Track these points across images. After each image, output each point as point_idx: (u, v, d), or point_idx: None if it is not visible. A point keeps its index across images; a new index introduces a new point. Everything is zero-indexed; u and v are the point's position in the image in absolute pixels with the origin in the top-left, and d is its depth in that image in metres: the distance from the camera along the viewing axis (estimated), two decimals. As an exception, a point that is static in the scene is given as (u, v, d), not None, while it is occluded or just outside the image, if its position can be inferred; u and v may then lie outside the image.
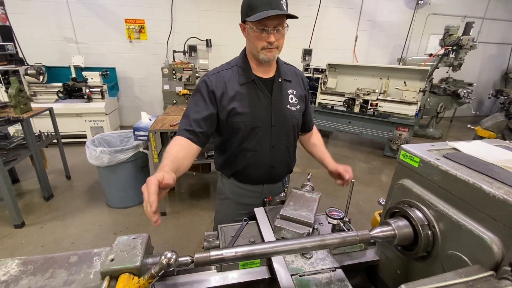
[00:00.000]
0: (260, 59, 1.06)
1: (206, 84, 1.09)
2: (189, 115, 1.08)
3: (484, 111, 7.48)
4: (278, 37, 1.00)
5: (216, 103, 1.09)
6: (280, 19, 0.97)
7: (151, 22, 5.12)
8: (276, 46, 1.03)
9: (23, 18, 4.65)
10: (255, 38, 1.01)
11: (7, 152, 2.63)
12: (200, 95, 1.09)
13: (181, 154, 0.96)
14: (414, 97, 4.04)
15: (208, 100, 1.08)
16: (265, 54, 1.03)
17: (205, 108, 1.08)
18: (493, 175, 0.61)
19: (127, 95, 5.55)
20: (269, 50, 1.03)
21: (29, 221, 2.59)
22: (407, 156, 0.76)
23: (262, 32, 0.98)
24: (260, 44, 1.01)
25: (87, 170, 3.50)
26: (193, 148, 1.04)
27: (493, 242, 0.54)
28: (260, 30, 0.97)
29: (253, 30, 0.99)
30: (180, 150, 0.98)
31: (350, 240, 0.68)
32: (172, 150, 0.96)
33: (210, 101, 1.08)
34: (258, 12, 0.93)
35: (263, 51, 1.03)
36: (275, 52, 1.04)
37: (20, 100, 2.62)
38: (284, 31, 1.02)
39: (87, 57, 4.91)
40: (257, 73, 1.13)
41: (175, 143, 1.01)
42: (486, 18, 6.54)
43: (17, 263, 0.61)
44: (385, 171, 4.00)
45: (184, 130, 1.05)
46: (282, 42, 1.05)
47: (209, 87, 1.08)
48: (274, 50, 1.03)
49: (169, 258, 0.53)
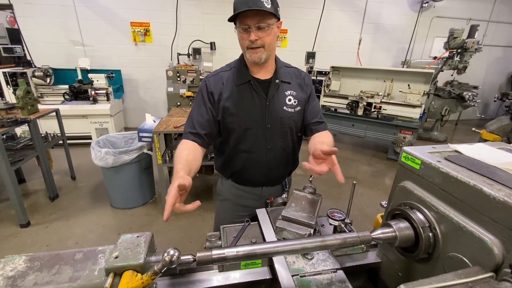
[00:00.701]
0: (248, 58, 1.07)
1: (206, 85, 1.13)
2: (193, 117, 1.12)
3: (489, 114, 7.41)
4: (261, 35, 0.99)
5: (215, 104, 1.12)
6: (260, 16, 0.96)
7: (156, 25, 5.18)
8: (262, 45, 1.01)
9: (31, 21, 4.74)
10: (240, 39, 1.03)
11: (14, 152, 2.68)
12: (201, 97, 1.13)
13: (191, 157, 1.00)
14: (418, 100, 4.02)
15: (208, 102, 1.11)
16: (250, 55, 1.04)
17: (206, 110, 1.11)
18: (494, 177, 0.61)
19: (132, 97, 5.61)
20: (254, 51, 1.02)
21: (35, 221, 2.63)
22: (409, 158, 0.77)
23: (244, 32, 1.00)
24: (244, 43, 1.03)
25: (92, 171, 3.54)
26: (199, 150, 1.08)
27: (494, 244, 0.54)
28: (243, 29, 0.99)
29: (239, 31, 1.01)
30: (189, 154, 1.01)
31: (351, 241, 0.68)
32: (182, 154, 1.00)
33: (210, 102, 1.12)
34: (236, 11, 0.96)
35: (248, 51, 1.04)
36: (261, 52, 1.03)
37: (28, 102, 2.66)
38: (268, 29, 0.99)
39: (93, 59, 4.99)
40: (255, 74, 1.14)
41: (183, 147, 1.04)
42: (492, 21, 6.50)
43: (24, 260, 0.63)
44: (388, 174, 3.97)
45: (189, 133, 1.09)
46: (268, 40, 1.01)
47: (208, 88, 1.12)
48: (259, 50, 1.02)
49: (171, 255, 0.54)
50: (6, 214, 2.71)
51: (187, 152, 1.02)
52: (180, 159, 0.95)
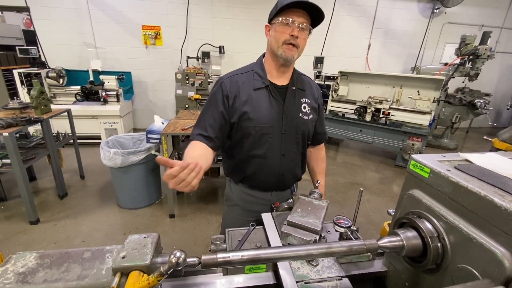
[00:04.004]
0: (279, 55, 1.05)
1: (221, 88, 1.11)
2: (205, 119, 1.11)
3: (502, 122, 7.23)
4: (301, 36, 1.01)
5: (228, 107, 1.10)
6: (305, 18, 1.00)
7: (167, 28, 5.28)
8: (298, 45, 1.03)
9: (47, 24, 4.89)
10: (279, 32, 1.02)
11: (27, 150, 2.75)
12: (215, 99, 1.11)
13: (202, 156, 0.99)
14: (428, 107, 3.96)
15: (222, 105, 1.10)
16: (284, 51, 1.04)
17: (219, 114, 1.10)
18: (505, 188, 0.59)
19: (141, 99, 5.71)
20: (289, 48, 1.03)
21: (44, 218, 2.68)
22: (417, 166, 0.76)
23: (286, 26, 1.00)
24: (283, 37, 1.02)
25: (100, 171, 3.60)
26: (209, 151, 1.06)
27: (504, 256, 0.52)
28: (285, 24, 1.00)
29: (278, 23, 1.01)
30: (201, 155, 1.00)
31: (357, 249, 0.68)
32: (191, 153, 0.99)
33: (224, 106, 1.10)
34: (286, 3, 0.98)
35: (283, 46, 1.03)
36: (294, 52, 1.04)
37: (41, 102, 2.73)
38: (307, 33, 1.03)
39: (105, 61, 5.10)
40: (272, 79, 1.14)
41: (193, 148, 1.04)
42: (505, 28, 6.38)
43: (34, 256, 0.64)
44: (396, 181, 3.91)
45: (200, 136, 1.08)
46: (303, 45, 1.05)
47: (223, 91, 1.10)
48: (294, 49, 1.03)
49: (178, 257, 0.54)
50: (17, 211, 2.77)
51: (199, 153, 1.01)
52: (189, 157, 0.95)
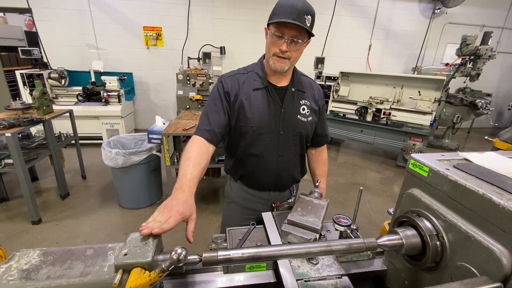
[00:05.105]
0: (270, 65, 1.07)
1: (222, 84, 1.13)
2: (208, 114, 1.11)
3: (503, 122, 7.22)
4: (292, 48, 1.01)
5: (229, 104, 1.12)
6: (298, 31, 0.98)
7: (168, 29, 5.30)
8: (288, 57, 1.03)
9: (49, 25, 4.92)
10: (271, 43, 1.03)
11: (29, 151, 2.77)
12: (218, 95, 1.13)
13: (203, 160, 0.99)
14: (428, 107, 3.96)
15: (225, 100, 1.12)
16: (274, 62, 1.05)
17: (223, 108, 1.11)
18: (504, 186, 0.60)
19: (143, 99, 5.73)
20: (279, 60, 1.04)
21: (46, 218, 2.70)
22: (416, 165, 0.76)
23: (278, 39, 1.00)
24: (273, 49, 1.03)
25: (102, 171, 3.62)
26: (209, 149, 1.06)
27: (503, 254, 0.53)
28: (277, 36, 1.00)
29: (271, 34, 1.01)
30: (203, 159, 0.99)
31: (357, 247, 0.68)
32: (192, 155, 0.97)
33: (226, 101, 1.12)
34: (278, 18, 0.96)
35: (273, 58, 1.05)
36: (285, 63, 1.05)
37: (43, 102, 2.75)
38: (301, 46, 1.02)
39: (106, 62, 5.13)
40: (272, 80, 1.15)
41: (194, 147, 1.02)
42: (506, 28, 6.37)
43: (38, 254, 0.65)
44: (397, 181, 3.91)
45: (204, 130, 1.07)
46: (296, 56, 1.05)
47: (224, 88, 1.12)
48: (285, 61, 1.04)
49: (179, 253, 0.55)
50: (19, 211, 2.79)
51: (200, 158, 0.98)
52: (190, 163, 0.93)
